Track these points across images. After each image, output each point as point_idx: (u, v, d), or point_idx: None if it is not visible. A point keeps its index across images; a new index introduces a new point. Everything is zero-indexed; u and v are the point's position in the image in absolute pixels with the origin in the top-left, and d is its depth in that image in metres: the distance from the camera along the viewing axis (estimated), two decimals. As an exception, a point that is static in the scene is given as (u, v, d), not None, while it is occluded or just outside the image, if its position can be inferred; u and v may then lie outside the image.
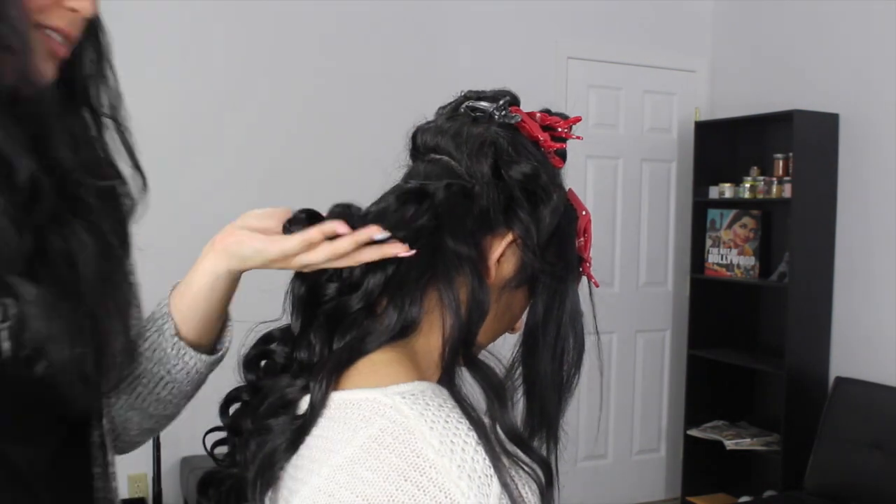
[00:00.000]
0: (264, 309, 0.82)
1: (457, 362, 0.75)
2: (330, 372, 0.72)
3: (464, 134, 0.79)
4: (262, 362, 0.81)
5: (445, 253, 0.75)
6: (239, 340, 0.84)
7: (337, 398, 0.71)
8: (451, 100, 0.85)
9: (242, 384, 0.81)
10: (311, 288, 0.78)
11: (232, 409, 0.81)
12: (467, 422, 0.66)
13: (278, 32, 3.57)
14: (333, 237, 0.75)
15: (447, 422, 0.65)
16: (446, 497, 0.62)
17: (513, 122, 0.80)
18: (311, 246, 0.75)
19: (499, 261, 0.78)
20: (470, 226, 0.76)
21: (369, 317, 0.76)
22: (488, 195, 0.77)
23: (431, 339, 0.76)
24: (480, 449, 0.64)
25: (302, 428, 0.71)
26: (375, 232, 0.74)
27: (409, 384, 0.69)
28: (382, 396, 0.68)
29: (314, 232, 0.75)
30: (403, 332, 0.75)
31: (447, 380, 0.74)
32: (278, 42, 3.57)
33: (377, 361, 0.73)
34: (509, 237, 0.77)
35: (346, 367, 0.73)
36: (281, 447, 0.72)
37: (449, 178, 0.78)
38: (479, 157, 0.77)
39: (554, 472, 0.73)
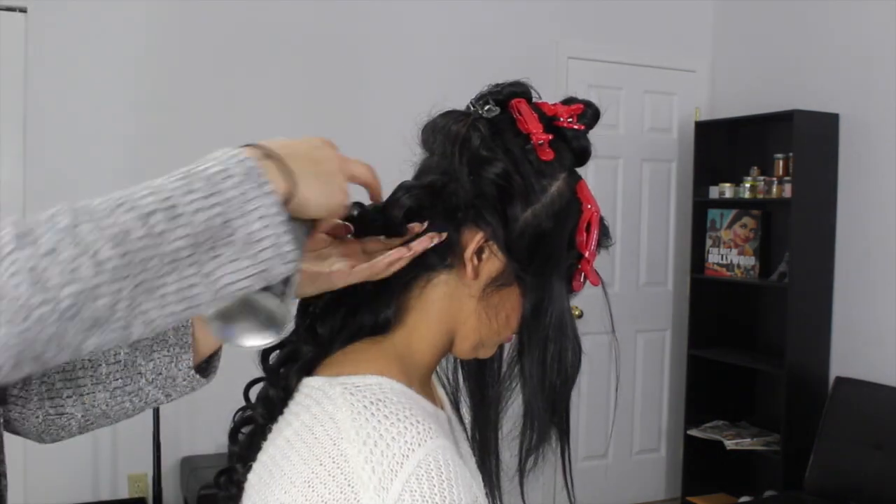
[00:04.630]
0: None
1: (437, 361, 0.80)
2: (305, 362, 0.78)
3: (446, 131, 0.79)
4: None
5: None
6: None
7: (306, 382, 0.76)
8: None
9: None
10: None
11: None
12: (405, 421, 0.67)
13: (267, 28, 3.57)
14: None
15: (373, 415, 0.67)
16: (349, 486, 0.65)
17: (489, 116, 0.78)
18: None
19: (480, 259, 0.77)
20: (438, 223, 0.77)
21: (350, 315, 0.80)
22: (459, 192, 0.76)
23: (415, 334, 0.79)
24: (396, 445, 0.66)
25: (273, 405, 0.78)
26: (427, 242, 0.77)
27: (362, 377, 0.72)
28: (327, 385, 0.72)
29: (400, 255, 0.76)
30: (377, 328, 0.78)
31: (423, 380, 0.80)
32: (270, 37, 3.58)
33: (349, 352, 0.77)
34: (480, 235, 0.77)
35: (321, 357, 0.78)
36: (259, 419, 0.79)
37: (436, 175, 0.78)
38: (454, 155, 0.77)
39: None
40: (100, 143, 3.33)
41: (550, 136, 0.78)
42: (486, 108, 0.79)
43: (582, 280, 0.83)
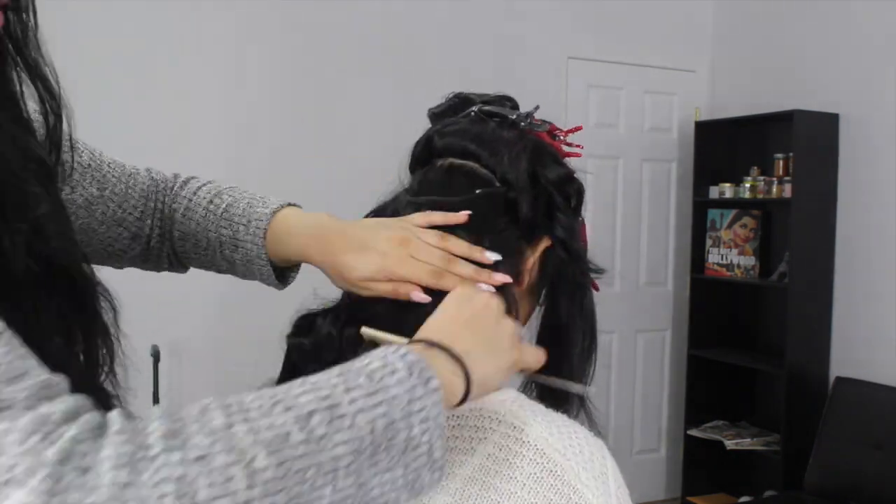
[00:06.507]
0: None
1: None
2: None
3: (497, 139, 0.76)
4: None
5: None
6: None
7: None
8: (440, 101, 0.83)
9: None
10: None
11: None
12: (572, 422, 0.68)
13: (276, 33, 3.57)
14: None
15: (564, 425, 0.67)
16: (580, 497, 0.63)
17: (543, 130, 0.77)
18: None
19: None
20: (513, 238, 0.74)
21: None
22: (529, 203, 0.74)
23: None
24: (592, 448, 0.66)
25: None
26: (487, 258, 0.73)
27: (502, 391, 0.69)
28: (489, 404, 0.68)
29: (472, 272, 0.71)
30: None
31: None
32: (273, 42, 3.58)
33: None
34: (545, 243, 0.76)
35: None
36: None
37: (479, 186, 0.74)
38: (518, 162, 0.75)
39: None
40: (100, 143, 3.32)
41: (574, 153, 0.81)
42: (530, 121, 0.78)
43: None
